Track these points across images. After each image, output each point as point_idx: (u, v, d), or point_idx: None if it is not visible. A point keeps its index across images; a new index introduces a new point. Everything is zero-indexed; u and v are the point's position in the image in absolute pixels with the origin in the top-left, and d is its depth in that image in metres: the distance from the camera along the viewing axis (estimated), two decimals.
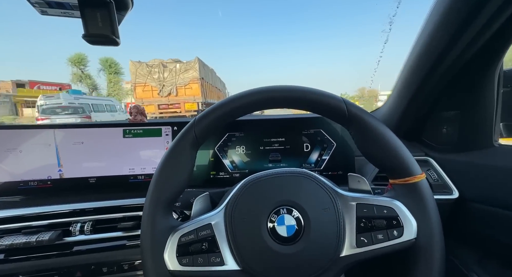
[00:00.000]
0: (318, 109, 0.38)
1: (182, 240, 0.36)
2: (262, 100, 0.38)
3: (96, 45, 0.52)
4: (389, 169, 0.37)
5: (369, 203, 0.37)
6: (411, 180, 0.35)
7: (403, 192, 0.36)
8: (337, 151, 0.73)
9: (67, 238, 0.59)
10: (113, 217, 0.62)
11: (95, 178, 0.68)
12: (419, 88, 0.59)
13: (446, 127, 0.64)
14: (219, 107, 0.38)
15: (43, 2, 0.55)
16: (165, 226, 0.37)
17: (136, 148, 0.71)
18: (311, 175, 0.40)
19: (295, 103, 0.38)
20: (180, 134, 0.38)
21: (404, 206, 0.35)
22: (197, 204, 0.45)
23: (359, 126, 0.37)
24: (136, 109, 0.90)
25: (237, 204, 0.38)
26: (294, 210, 0.36)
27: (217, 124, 0.39)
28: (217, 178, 0.74)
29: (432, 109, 0.65)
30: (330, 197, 0.37)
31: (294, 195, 0.38)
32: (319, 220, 0.36)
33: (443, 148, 0.66)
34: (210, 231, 0.37)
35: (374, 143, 0.36)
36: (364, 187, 0.42)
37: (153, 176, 0.38)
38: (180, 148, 0.38)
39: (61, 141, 0.68)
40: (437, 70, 0.54)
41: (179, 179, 0.38)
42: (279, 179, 0.40)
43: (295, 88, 0.37)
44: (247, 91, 0.38)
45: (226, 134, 0.74)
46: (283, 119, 0.76)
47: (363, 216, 0.36)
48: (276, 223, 0.36)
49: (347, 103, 0.37)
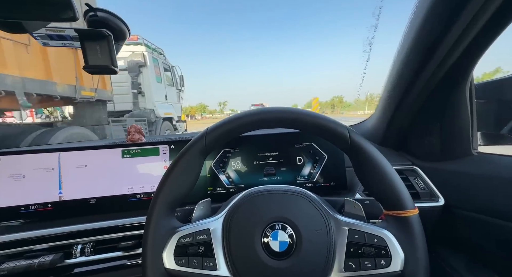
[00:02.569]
0: (323, 134, 0.41)
1: (181, 241, 0.38)
2: (271, 119, 0.41)
3: (96, 74, 0.56)
4: (384, 199, 0.39)
5: (361, 230, 0.38)
6: (403, 213, 0.36)
7: (395, 223, 0.37)
8: (328, 163, 0.76)
9: (68, 260, 0.60)
10: (113, 237, 0.64)
11: (94, 199, 0.70)
12: (401, 102, 0.64)
13: (428, 138, 0.68)
14: (230, 121, 0.41)
15: (45, 35, 0.58)
16: (167, 226, 0.40)
17: (135, 167, 0.73)
18: (309, 196, 0.42)
19: (302, 126, 0.41)
20: (192, 141, 0.41)
21: (395, 237, 0.36)
22: (199, 208, 0.48)
23: (360, 155, 0.39)
24: (134, 128, 0.93)
25: (236, 213, 0.40)
26: (288, 227, 0.39)
27: (226, 137, 0.41)
28: (214, 193, 0.76)
29: (415, 121, 0.69)
30: (324, 219, 0.39)
31: (290, 212, 0.40)
32: (311, 239, 0.38)
33: (428, 157, 0.70)
34: (208, 236, 0.39)
35: (372, 173, 0.38)
36: (358, 212, 0.43)
37: (162, 177, 0.40)
38: (190, 153, 0.41)
39: (65, 164, 0.70)
40: (415, 86, 0.58)
41: (185, 183, 0.41)
42: (279, 195, 0.42)
43: (305, 112, 0.40)
44: (259, 109, 0.41)
45: (222, 151, 0.77)
46: (276, 134, 0.80)
47: (354, 242, 0.37)
48: (271, 237, 0.38)
49: (350, 131, 0.39)
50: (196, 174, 0.42)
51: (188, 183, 0.41)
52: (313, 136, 0.77)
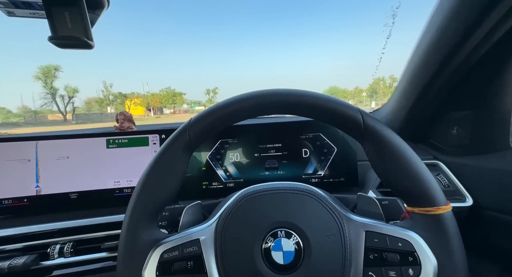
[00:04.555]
0: (330, 119, 0.33)
1: (164, 257, 0.31)
2: (267, 104, 0.33)
3: (66, 48, 0.47)
4: (408, 194, 0.32)
5: (382, 232, 0.32)
6: (434, 211, 0.30)
7: (423, 223, 0.31)
8: (338, 156, 0.68)
9: (45, 262, 0.53)
10: (97, 236, 0.57)
11: (76, 193, 0.63)
12: (427, 86, 0.54)
13: (456, 129, 0.59)
14: (218, 109, 0.33)
15: (8, 2, 0.49)
16: (147, 238, 0.32)
17: (121, 159, 0.66)
18: (317, 194, 0.35)
19: (304, 110, 0.33)
20: (172, 136, 0.34)
21: (424, 240, 0.30)
22: (187, 214, 0.41)
23: (376, 142, 0.32)
24: (123, 115, 0.84)
25: (230, 219, 0.34)
26: (294, 234, 0.32)
27: (214, 128, 0.34)
28: (210, 189, 0.68)
29: (441, 108, 0.59)
30: (337, 221, 0.33)
31: (295, 216, 0.33)
32: (322, 247, 0.31)
33: (454, 150, 0.61)
34: (197, 248, 0.32)
35: (392, 163, 0.31)
36: (375, 210, 0.37)
37: (139, 181, 0.33)
38: (171, 151, 0.33)
39: (43, 155, 0.62)
40: (449, 65, 0.48)
41: (168, 186, 0.33)
42: (280, 195, 0.35)
43: (306, 93, 0.32)
44: (251, 93, 0.33)
45: (219, 142, 0.69)
46: (279, 124, 0.71)
47: (373, 247, 0.31)
48: (272, 247, 0.31)
49: (363, 114, 0.32)
50: (181, 174, 0.34)
51: (172, 185, 0.34)
52: (321, 126, 0.68)
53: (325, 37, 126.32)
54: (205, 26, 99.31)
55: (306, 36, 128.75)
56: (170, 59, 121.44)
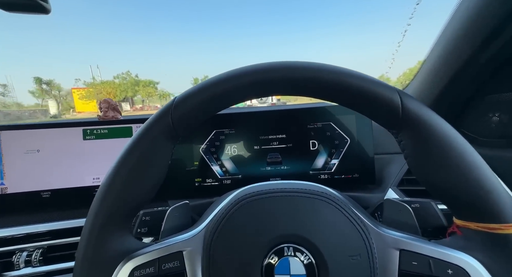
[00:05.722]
0: (356, 102, 0.24)
1: (135, 275, 0.24)
2: (273, 82, 0.24)
3: (15, 11, 0.37)
4: (464, 205, 0.23)
5: (422, 253, 0.24)
6: (502, 229, 0.21)
7: (483, 244, 0.23)
8: (351, 148, 0.58)
9: (8, 273, 0.46)
10: (71, 241, 0.49)
11: (49, 192, 0.55)
12: (468, 62, 0.44)
13: (499, 115, 0.49)
14: (211, 86, 0.24)
15: None
16: (115, 249, 0.25)
17: (101, 152, 0.57)
18: (336, 198, 0.27)
19: (323, 90, 0.24)
20: (150, 119, 0.25)
21: (484, 267, 0.22)
22: (171, 217, 0.33)
23: (419, 134, 0.23)
24: (107, 103, 0.75)
25: (222, 228, 0.26)
26: (305, 252, 0.24)
27: (205, 111, 0.25)
28: (203, 186, 0.60)
29: (481, 91, 0.49)
30: (363, 237, 0.25)
31: (307, 227, 0.25)
32: (343, 272, 0.24)
33: (493, 141, 0.51)
34: (179, 263, 0.25)
35: (442, 162, 0.22)
36: (408, 220, 0.29)
37: (106, 175, 0.24)
38: (149, 138, 0.25)
39: (8, 147, 0.54)
40: (500, 35, 0.38)
41: (145, 182, 0.25)
42: (287, 199, 0.27)
43: (322, 67, 0.23)
44: (253, 66, 0.24)
45: (213, 132, 0.60)
46: (283, 111, 0.61)
47: (411, 273, 0.24)
48: (277, 268, 0.24)
49: (402, 95, 0.23)
50: (162, 167, 0.26)
51: (150, 180, 0.26)
52: (332, 114, 0.58)
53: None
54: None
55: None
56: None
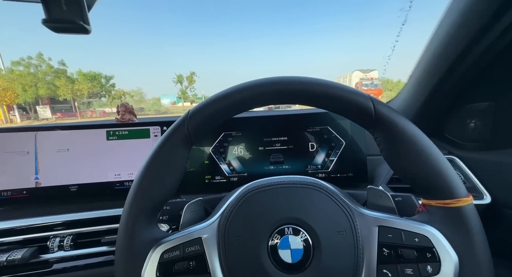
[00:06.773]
0: (338, 107, 0.31)
1: (164, 257, 0.30)
2: (270, 94, 0.30)
3: (61, 33, 0.44)
4: (424, 186, 0.29)
5: (396, 227, 0.30)
6: (453, 203, 0.27)
7: (441, 217, 0.29)
8: (346, 150, 0.65)
9: (44, 255, 0.52)
10: (97, 229, 0.56)
11: (76, 186, 0.61)
12: (445, 75, 0.50)
13: (475, 122, 0.55)
14: (218, 100, 0.31)
15: None
16: (146, 238, 0.31)
17: (122, 151, 0.64)
18: (326, 188, 0.33)
19: (310, 99, 0.31)
20: (170, 130, 0.32)
21: (443, 235, 0.28)
22: (188, 211, 0.39)
23: (389, 132, 0.29)
24: (124, 107, 0.82)
25: (233, 216, 0.32)
26: (302, 231, 0.30)
27: (215, 120, 0.32)
28: (212, 183, 0.66)
29: (459, 100, 0.56)
30: (348, 216, 0.31)
31: (303, 211, 0.31)
32: (332, 245, 0.30)
33: (471, 145, 0.57)
34: (200, 247, 0.31)
35: (406, 153, 0.29)
36: (387, 203, 0.35)
37: (136, 177, 0.31)
38: (169, 145, 0.31)
39: (42, 146, 0.61)
40: (472, 52, 0.45)
41: (167, 183, 0.32)
42: (286, 190, 0.33)
43: (312, 81, 0.30)
44: (252, 81, 0.31)
45: (222, 134, 0.66)
46: (285, 116, 0.68)
47: (387, 243, 0.29)
48: (279, 245, 0.30)
49: (375, 101, 0.29)
50: (180, 169, 0.33)
51: (171, 181, 0.32)
52: (329, 119, 0.65)
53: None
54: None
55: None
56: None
